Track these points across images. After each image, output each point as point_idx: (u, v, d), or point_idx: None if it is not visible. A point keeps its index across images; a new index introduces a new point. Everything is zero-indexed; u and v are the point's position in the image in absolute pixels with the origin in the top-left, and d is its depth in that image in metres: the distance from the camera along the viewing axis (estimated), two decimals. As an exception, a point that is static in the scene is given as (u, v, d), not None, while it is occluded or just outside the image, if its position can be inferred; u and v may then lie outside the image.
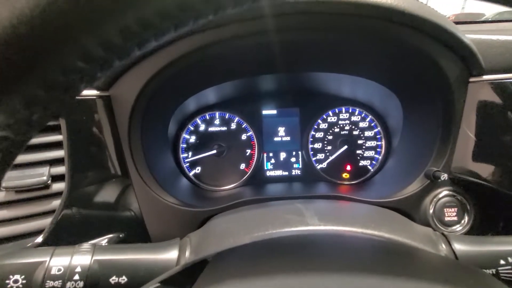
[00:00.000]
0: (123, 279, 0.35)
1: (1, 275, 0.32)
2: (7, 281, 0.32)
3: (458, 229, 0.55)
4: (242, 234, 0.37)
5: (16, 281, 0.32)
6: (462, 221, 0.56)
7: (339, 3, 0.41)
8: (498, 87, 0.50)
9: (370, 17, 0.41)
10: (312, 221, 0.38)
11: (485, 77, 0.51)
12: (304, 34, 0.47)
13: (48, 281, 0.33)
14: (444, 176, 0.52)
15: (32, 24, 0.13)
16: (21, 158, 0.46)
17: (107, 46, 0.15)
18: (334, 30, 0.46)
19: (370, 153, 0.76)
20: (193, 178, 0.75)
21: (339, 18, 0.43)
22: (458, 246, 0.38)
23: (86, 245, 0.37)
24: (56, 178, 0.47)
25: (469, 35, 0.48)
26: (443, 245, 0.38)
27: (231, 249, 0.30)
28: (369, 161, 0.76)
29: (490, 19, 0.73)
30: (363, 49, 0.51)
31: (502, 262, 0.35)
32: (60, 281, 0.33)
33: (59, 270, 0.33)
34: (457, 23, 0.58)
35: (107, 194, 0.52)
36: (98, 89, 0.50)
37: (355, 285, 0.22)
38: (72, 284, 0.33)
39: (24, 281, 0.32)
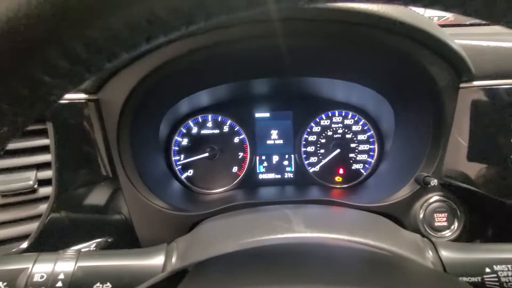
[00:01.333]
0: (107, 286, 0.34)
1: (-18, 282, 0.31)
2: (-12, 289, 0.31)
3: (447, 235, 0.55)
4: (228, 241, 0.37)
5: (-4, 289, 0.31)
6: (452, 227, 0.56)
7: (329, 10, 0.41)
8: (488, 92, 0.50)
9: (361, 25, 0.41)
10: (299, 228, 0.37)
11: (476, 82, 0.51)
12: (296, 40, 0.47)
13: None
14: (434, 182, 0.52)
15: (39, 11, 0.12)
16: (7, 162, 0.46)
17: (113, 39, 0.14)
18: (326, 37, 0.46)
19: (363, 157, 0.76)
20: (185, 181, 0.75)
21: (331, 25, 0.43)
22: (445, 253, 0.38)
23: (70, 251, 0.36)
24: (43, 182, 0.47)
25: (459, 41, 0.48)
26: (430, 252, 0.38)
27: (211, 258, 0.30)
28: (361, 165, 0.76)
29: (477, 22, 0.72)
30: (355, 55, 0.51)
31: (487, 270, 0.35)
32: None
33: (41, 277, 0.33)
34: (443, 25, 0.58)
35: (96, 198, 0.52)
36: (86, 92, 0.49)
37: None
38: None
39: (5, 289, 0.31)
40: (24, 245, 0.45)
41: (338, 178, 0.76)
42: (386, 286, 0.24)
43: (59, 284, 0.33)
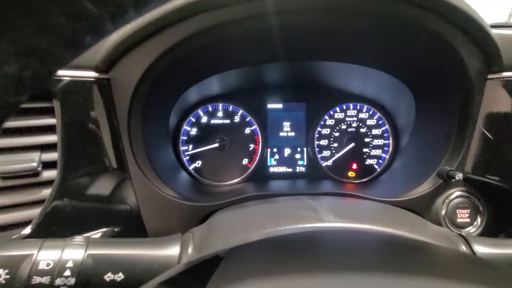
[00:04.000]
0: (119, 276, 0.31)
1: (-18, 269, 0.28)
2: (-12, 276, 0.28)
3: (470, 231, 0.53)
4: (252, 230, 0.34)
5: (-2, 276, 0.28)
6: (475, 223, 0.54)
7: None
8: (517, 85, 0.48)
9: (391, 0, 0.39)
10: (328, 218, 0.35)
11: (505, 74, 0.49)
12: (311, 17, 0.44)
13: (34, 277, 0.29)
14: (459, 176, 0.50)
15: None
16: (10, 141, 0.42)
17: None
18: (345, 12, 0.43)
19: (377, 152, 0.74)
20: (193, 172, 0.72)
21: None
22: (478, 248, 0.35)
23: (79, 238, 0.33)
24: (48, 165, 0.44)
25: (493, 30, 0.46)
26: (463, 247, 0.36)
27: (247, 244, 0.27)
28: (375, 160, 0.74)
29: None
30: (378, 36, 0.47)
31: (525, 265, 0.33)
32: (48, 277, 0.29)
33: (48, 264, 0.30)
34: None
35: (102, 184, 0.48)
36: (96, 71, 0.46)
37: (377, 282, 0.20)
38: (62, 281, 0.30)
39: (7, 276, 0.28)
40: (26, 232, 0.41)
41: (351, 173, 0.74)
42: (429, 271, 0.22)
43: (67, 272, 0.30)
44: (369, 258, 0.25)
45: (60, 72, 0.44)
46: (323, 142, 0.74)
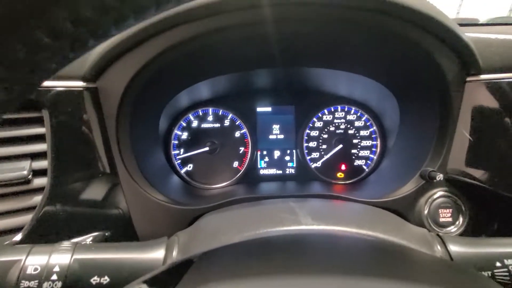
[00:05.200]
0: (105, 279, 0.33)
1: (-28, 274, 0.30)
2: (-22, 281, 0.29)
3: (452, 230, 0.55)
4: (232, 233, 0.35)
5: (-13, 281, 0.29)
6: (457, 222, 0.55)
7: None
8: (495, 87, 0.50)
9: (369, 11, 0.40)
10: (306, 221, 0.36)
11: (482, 76, 0.50)
12: (300, 26, 0.45)
13: (23, 281, 0.30)
14: (440, 177, 0.51)
15: None
16: (1, 150, 0.44)
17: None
18: (331, 23, 0.44)
19: (365, 153, 0.75)
20: (184, 175, 0.73)
21: (337, 10, 0.42)
22: (453, 248, 0.37)
23: (66, 243, 0.35)
24: (38, 172, 0.45)
25: (468, 34, 0.48)
26: (439, 247, 0.37)
27: (217, 249, 0.28)
28: (364, 161, 0.75)
29: (485, 23, 0.71)
30: (361, 44, 0.49)
31: (498, 264, 0.34)
32: (36, 281, 0.31)
33: (35, 269, 0.31)
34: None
35: (93, 190, 0.50)
36: (84, 80, 0.47)
37: (347, 286, 0.21)
38: (50, 285, 0.31)
39: (-4, 281, 0.30)
40: (17, 238, 0.43)
41: (340, 174, 0.75)
42: (396, 275, 0.23)
43: (54, 277, 0.31)
44: (342, 260, 0.27)
45: (49, 83, 0.45)
46: (312, 144, 0.76)
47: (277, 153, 0.76)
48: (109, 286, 0.33)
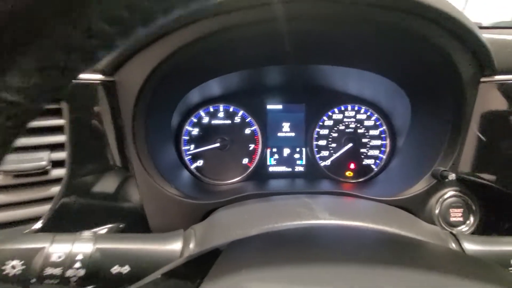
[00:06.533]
0: (126, 269, 0.33)
1: (-1, 260, 0.30)
2: (4, 267, 0.30)
3: (463, 230, 0.55)
4: (250, 226, 0.36)
5: (14, 267, 0.30)
6: (468, 222, 0.55)
7: None
8: (509, 88, 0.50)
9: (387, 8, 0.40)
10: (323, 215, 0.37)
11: (497, 77, 0.50)
12: (314, 24, 0.46)
13: (47, 268, 0.31)
14: (452, 176, 0.51)
15: None
16: (20, 141, 0.44)
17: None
18: (346, 21, 0.45)
19: (375, 152, 0.75)
20: (194, 171, 0.74)
21: (352, 8, 0.42)
22: (467, 246, 0.37)
23: (87, 233, 0.35)
24: (56, 164, 0.46)
25: (484, 35, 0.48)
26: (453, 244, 0.38)
27: (245, 238, 0.29)
28: (373, 160, 0.75)
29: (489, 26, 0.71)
30: (378, 43, 0.49)
31: (513, 262, 0.34)
32: (60, 268, 0.31)
33: (59, 257, 0.32)
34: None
35: (108, 183, 0.50)
36: (102, 73, 0.48)
37: (368, 277, 0.22)
38: (73, 272, 0.32)
39: (22, 267, 0.30)
40: (36, 226, 0.44)
41: (349, 173, 0.76)
42: (418, 266, 0.23)
43: (78, 264, 0.32)
44: (360, 252, 0.27)
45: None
46: (322, 142, 0.76)
47: (286, 151, 0.77)
48: (129, 275, 0.33)
